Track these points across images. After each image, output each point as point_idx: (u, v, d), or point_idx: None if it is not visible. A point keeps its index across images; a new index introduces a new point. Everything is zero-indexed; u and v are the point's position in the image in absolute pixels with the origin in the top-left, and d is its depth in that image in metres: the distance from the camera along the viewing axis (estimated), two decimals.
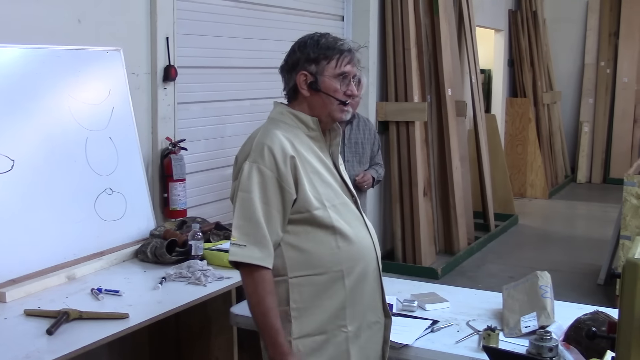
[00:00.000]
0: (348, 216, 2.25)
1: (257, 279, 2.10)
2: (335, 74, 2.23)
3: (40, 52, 3.21)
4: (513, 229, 8.16)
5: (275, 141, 2.15)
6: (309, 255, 2.18)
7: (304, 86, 2.24)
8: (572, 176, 11.41)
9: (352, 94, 2.27)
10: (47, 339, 2.39)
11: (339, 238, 2.19)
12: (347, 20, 6.20)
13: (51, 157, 3.15)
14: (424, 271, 6.14)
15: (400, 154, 6.36)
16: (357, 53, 2.29)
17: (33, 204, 3.02)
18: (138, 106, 3.75)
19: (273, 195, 2.12)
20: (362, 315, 2.26)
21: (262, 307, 2.10)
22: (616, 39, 11.14)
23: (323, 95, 2.23)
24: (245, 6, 4.82)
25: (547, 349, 2.25)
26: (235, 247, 2.12)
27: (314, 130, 2.26)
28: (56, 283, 2.97)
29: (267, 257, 2.11)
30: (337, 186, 2.26)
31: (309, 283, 2.18)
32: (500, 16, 9.61)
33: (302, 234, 2.18)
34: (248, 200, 2.12)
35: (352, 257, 2.22)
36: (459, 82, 7.37)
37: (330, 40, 2.25)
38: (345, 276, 2.20)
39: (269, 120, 2.30)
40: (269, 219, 2.11)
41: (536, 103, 10.16)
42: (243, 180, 2.14)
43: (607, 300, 5.35)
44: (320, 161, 2.25)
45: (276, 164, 2.12)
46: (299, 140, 2.22)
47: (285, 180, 2.13)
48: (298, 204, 2.15)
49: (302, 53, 2.24)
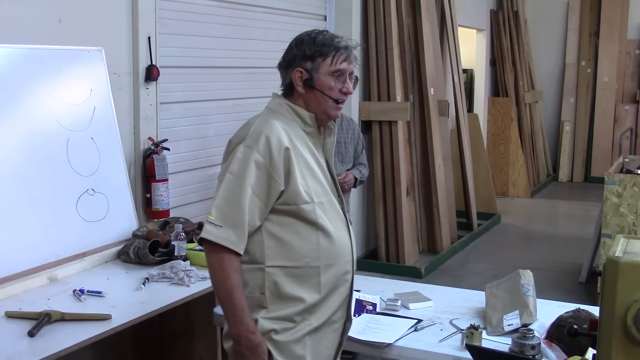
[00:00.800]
0: (332, 215, 2.25)
1: (225, 259, 2.09)
2: (331, 71, 2.22)
3: (21, 52, 3.18)
4: (496, 228, 8.20)
5: (272, 130, 2.15)
6: (288, 247, 2.17)
7: (299, 83, 2.24)
8: (554, 175, 11.49)
9: (348, 91, 2.27)
10: (28, 341, 2.37)
11: (321, 235, 2.20)
12: (330, 19, 6.20)
13: (32, 158, 3.12)
14: (407, 270, 6.15)
15: (383, 153, 6.37)
16: (355, 50, 2.28)
17: (14, 205, 3.00)
18: (120, 106, 3.73)
19: (260, 183, 2.12)
20: (328, 313, 2.26)
21: (227, 284, 2.09)
22: (596, 39, 11.23)
23: (318, 92, 2.23)
24: (228, 6, 4.81)
25: (530, 347, 2.27)
26: (211, 226, 2.10)
27: (310, 126, 2.27)
28: (38, 284, 2.94)
29: (240, 243, 2.10)
30: (326, 184, 2.26)
31: (285, 274, 2.17)
32: (482, 16, 9.66)
33: (285, 225, 2.17)
34: (234, 182, 2.11)
35: (330, 255, 2.22)
36: (442, 82, 7.39)
37: (327, 37, 2.25)
38: (322, 273, 2.20)
39: (267, 110, 2.29)
40: (251, 206, 2.10)
41: (518, 102, 10.22)
42: (234, 162, 2.13)
43: (588, 298, 5.39)
44: (314, 157, 2.25)
45: (270, 152, 2.12)
46: (295, 134, 2.22)
47: (275, 170, 2.12)
48: (287, 196, 2.15)
49: (298, 50, 2.25)
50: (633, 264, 1.41)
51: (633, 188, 5.10)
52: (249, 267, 2.18)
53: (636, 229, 5.08)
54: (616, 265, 1.42)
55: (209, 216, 2.12)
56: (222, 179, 2.15)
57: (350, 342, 2.62)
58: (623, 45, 11.14)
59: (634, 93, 11.14)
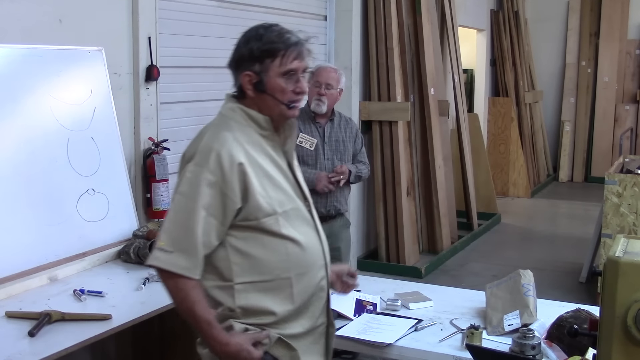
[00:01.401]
0: (299, 222, 2.12)
1: (181, 286, 1.99)
2: (281, 72, 2.07)
3: (21, 52, 3.18)
4: (496, 228, 8.20)
5: (224, 145, 2.01)
6: (256, 261, 2.06)
7: (249, 87, 2.09)
8: (554, 175, 11.49)
9: (302, 91, 2.11)
10: (29, 341, 2.37)
11: (289, 244, 2.08)
12: (330, 20, 6.20)
13: (32, 158, 3.12)
14: (408, 270, 6.15)
15: (383, 153, 6.37)
16: (307, 44, 2.12)
17: (14, 205, 3.00)
18: (120, 106, 3.73)
19: (215, 202, 1.99)
20: (307, 322, 2.15)
21: (188, 302, 1.99)
22: (597, 39, 11.23)
23: (269, 97, 2.09)
24: (228, 6, 4.81)
25: (530, 347, 2.27)
26: (160, 252, 1.99)
27: (267, 129, 2.12)
28: (38, 284, 2.94)
29: (193, 267, 1.99)
30: (290, 189, 2.13)
31: (255, 290, 2.06)
32: (482, 16, 9.66)
33: (251, 240, 2.05)
34: (185, 205, 2.00)
35: (302, 264, 2.10)
36: (442, 82, 7.39)
37: (274, 34, 2.08)
38: (294, 284, 2.09)
39: (220, 116, 2.15)
40: (205, 227, 1.98)
41: (518, 102, 10.22)
42: (183, 182, 2.01)
43: (588, 298, 5.39)
44: (273, 163, 2.11)
45: (222, 170, 1.99)
46: (251, 141, 2.08)
47: (229, 188, 1.99)
48: (247, 211, 2.02)
49: (245, 49, 2.10)
50: (633, 264, 1.41)
51: (633, 188, 5.10)
52: (218, 284, 2.07)
53: (636, 229, 5.08)
54: (616, 265, 1.42)
55: (159, 241, 2.01)
56: (172, 199, 2.04)
57: (350, 342, 2.62)
58: (623, 45, 11.14)
59: (634, 93, 11.14)
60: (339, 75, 4.11)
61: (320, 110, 4.05)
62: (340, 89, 4.13)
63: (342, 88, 4.16)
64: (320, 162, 4.00)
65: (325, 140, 4.11)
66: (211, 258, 2.05)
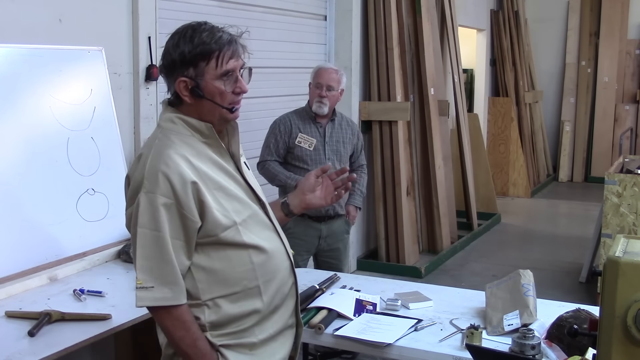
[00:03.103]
0: (259, 227, 2.07)
1: (175, 316, 1.94)
2: (218, 74, 1.96)
3: (21, 52, 3.18)
4: (496, 228, 8.20)
5: (170, 165, 1.91)
6: (221, 275, 2.00)
7: (185, 93, 1.97)
8: (554, 175, 11.49)
9: (242, 90, 2.01)
10: (28, 341, 2.37)
11: (252, 253, 2.02)
12: (330, 19, 6.20)
13: (32, 157, 3.12)
14: (408, 270, 6.15)
15: (383, 153, 6.37)
16: (240, 40, 2.01)
17: (14, 205, 3.00)
18: (120, 106, 3.73)
19: (175, 225, 1.92)
20: (277, 325, 2.12)
21: (189, 339, 1.95)
22: (597, 39, 11.23)
23: (208, 102, 1.98)
24: (228, 6, 4.81)
25: (530, 347, 2.27)
26: (143, 291, 1.92)
27: (209, 136, 2.02)
28: (38, 284, 2.94)
29: (179, 294, 1.94)
30: (243, 195, 2.06)
31: (224, 303, 2.01)
32: (482, 16, 9.66)
33: (213, 254, 1.99)
34: (150, 237, 1.91)
35: (268, 270, 2.06)
36: (442, 82, 7.40)
37: (205, 34, 1.95)
38: (263, 291, 2.05)
39: (159, 129, 2.02)
40: (175, 251, 1.92)
41: (518, 102, 10.22)
42: (141, 214, 1.91)
43: (588, 298, 5.39)
44: (222, 170, 2.02)
45: (175, 192, 1.90)
46: (195, 152, 1.98)
47: (187, 209, 1.91)
48: (206, 228, 1.95)
49: (176, 53, 1.96)
50: (633, 264, 1.41)
51: (633, 188, 5.10)
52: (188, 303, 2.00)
53: (636, 229, 5.08)
54: (616, 265, 1.42)
55: (136, 281, 1.93)
56: (134, 234, 1.93)
57: (350, 342, 2.62)
58: (623, 45, 11.15)
59: (634, 93, 11.14)
60: (340, 76, 4.13)
61: (322, 112, 4.06)
62: (342, 89, 4.15)
63: (343, 88, 4.18)
64: (321, 162, 4.01)
65: (327, 140, 4.12)
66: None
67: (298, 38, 5.75)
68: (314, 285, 3.06)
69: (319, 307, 2.81)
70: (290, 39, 5.62)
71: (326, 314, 2.75)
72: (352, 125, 4.32)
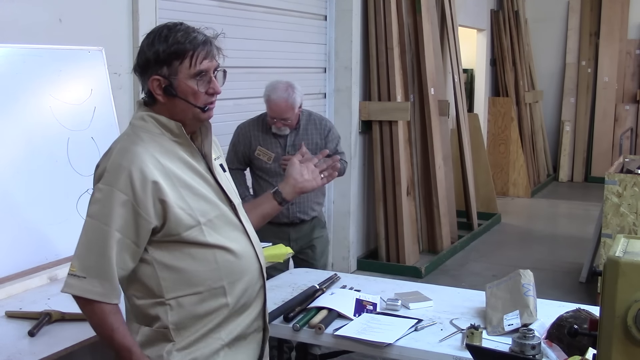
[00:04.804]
0: (227, 228, 2.05)
1: (96, 310, 1.92)
2: (192, 74, 1.97)
3: (21, 52, 3.18)
4: (496, 228, 8.20)
5: (133, 162, 1.91)
6: (186, 274, 1.98)
7: (158, 92, 1.98)
8: (554, 175, 11.50)
9: (215, 91, 2.03)
10: (29, 341, 2.37)
11: (218, 253, 2.00)
12: (330, 19, 6.20)
13: (32, 158, 3.12)
14: (408, 270, 6.15)
15: (383, 153, 6.37)
16: (215, 41, 2.04)
17: (14, 205, 2.99)
18: (120, 106, 3.73)
19: (127, 223, 1.90)
20: (241, 327, 2.10)
21: (106, 329, 1.94)
22: (597, 39, 11.23)
23: (181, 101, 1.99)
24: (228, 5, 4.81)
25: (530, 347, 2.27)
26: (73, 279, 1.90)
27: (180, 136, 2.01)
28: (38, 284, 2.94)
29: (109, 292, 1.91)
30: (212, 195, 2.04)
31: (188, 303, 1.99)
32: (482, 16, 9.66)
33: (177, 253, 1.97)
34: (96, 228, 1.91)
35: (233, 271, 2.03)
36: (442, 82, 7.40)
37: (180, 34, 1.96)
38: (228, 292, 2.02)
39: (131, 127, 2.04)
40: (119, 249, 1.90)
41: (518, 102, 10.22)
42: (93, 204, 1.92)
43: (588, 297, 5.39)
44: (191, 169, 2.02)
45: (133, 189, 1.89)
46: (164, 150, 1.98)
47: (142, 207, 1.90)
48: (169, 227, 1.94)
49: (150, 52, 1.96)
50: (633, 264, 1.41)
51: (633, 188, 5.10)
52: (148, 302, 1.99)
53: (636, 229, 5.08)
54: (616, 265, 1.42)
55: (70, 267, 1.91)
56: (85, 223, 1.94)
57: (350, 342, 2.62)
58: (623, 45, 11.15)
59: (634, 93, 11.14)
60: (292, 101, 3.82)
61: (283, 134, 3.90)
62: (299, 106, 3.89)
63: (301, 104, 3.90)
64: (281, 175, 3.57)
65: (288, 150, 3.89)
66: (139, 276, 1.99)
67: (298, 38, 5.75)
68: (314, 285, 3.06)
69: (319, 307, 2.81)
70: (291, 39, 5.62)
71: (326, 314, 2.76)
72: (320, 124, 4.04)
